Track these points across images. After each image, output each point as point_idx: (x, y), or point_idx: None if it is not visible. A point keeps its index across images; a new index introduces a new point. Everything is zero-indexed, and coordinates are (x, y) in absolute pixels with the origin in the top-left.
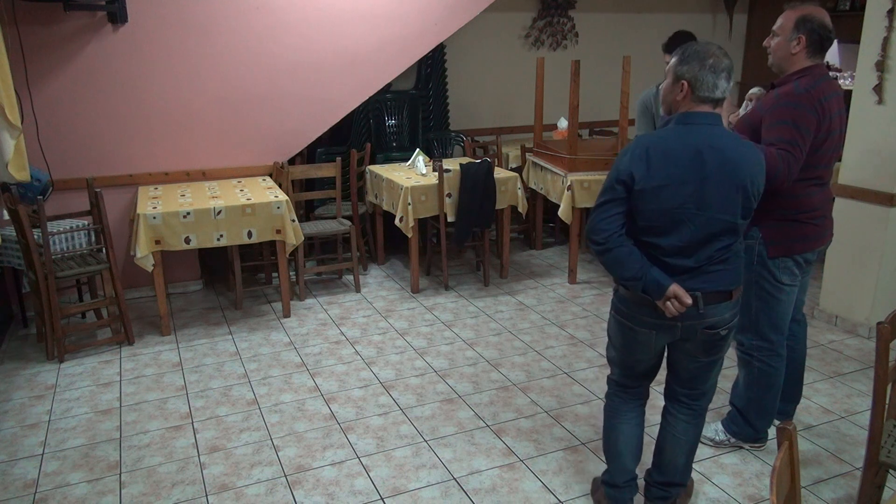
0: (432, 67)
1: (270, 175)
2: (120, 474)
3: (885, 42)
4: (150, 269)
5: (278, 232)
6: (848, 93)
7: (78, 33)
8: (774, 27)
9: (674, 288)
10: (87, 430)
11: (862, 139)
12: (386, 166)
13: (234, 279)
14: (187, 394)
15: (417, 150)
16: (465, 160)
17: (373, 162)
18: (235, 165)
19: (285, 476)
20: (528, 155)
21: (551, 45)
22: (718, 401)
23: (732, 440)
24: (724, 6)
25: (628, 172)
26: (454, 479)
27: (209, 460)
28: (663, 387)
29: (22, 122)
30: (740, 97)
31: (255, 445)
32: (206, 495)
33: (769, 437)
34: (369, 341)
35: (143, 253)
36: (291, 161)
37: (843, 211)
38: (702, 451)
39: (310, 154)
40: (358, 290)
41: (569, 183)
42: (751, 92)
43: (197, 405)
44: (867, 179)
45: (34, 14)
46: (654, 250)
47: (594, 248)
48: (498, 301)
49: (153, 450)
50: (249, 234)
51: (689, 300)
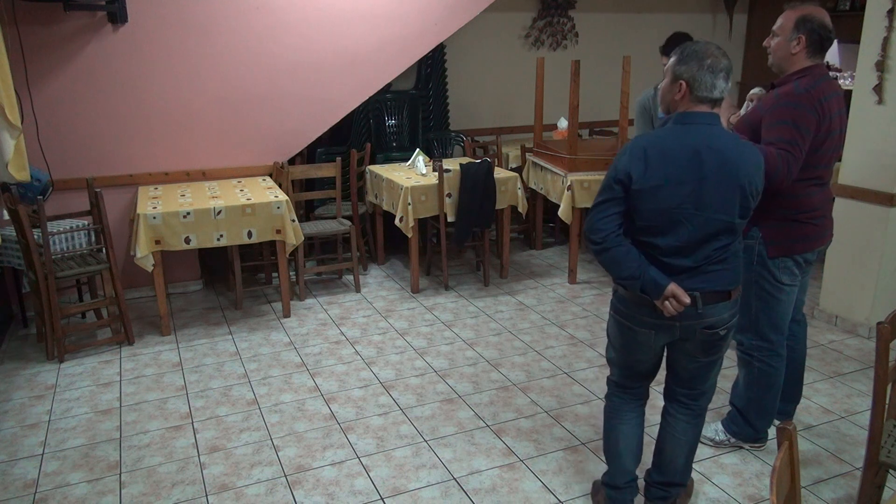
0: (432, 67)
1: (270, 175)
2: (120, 474)
3: (885, 42)
4: (150, 269)
5: (278, 232)
6: (848, 93)
7: (78, 33)
8: (774, 27)
9: (672, 287)
10: (87, 430)
11: (862, 139)
12: (386, 166)
13: (234, 279)
14: (187, 394)
15: (417, 150)
16: (465, 160)
17: (373, 162)
18: (235, 165)
19: (285, 476)
20: (528, 155)
21: (551, 45)
22: (718, 401)
23: (732, 440)
24: (724, 6)
25: (626, 172)
26: (454, 479)
27: (209, 460)
28: (663, 387)
29: (22, 122)
30: (740, 97)
31: (255, 445)
32: (206, 495)
33: (769, 437)
34: (369, 341)
35: (143, 253)
36: (291, 161)
37: (843, 211)
38: (702, 451)
39: (310, 154)
40: (358, 290)
41: (569, 183)
42: (752, 92)
43: (197, 405)
44: (867, 179)
45: (34, 14)
46: (653, 250)
47: (592, 247)
48: (498, 301)
49: (153, 450)
50: (249, 234)
51: (688, 299)
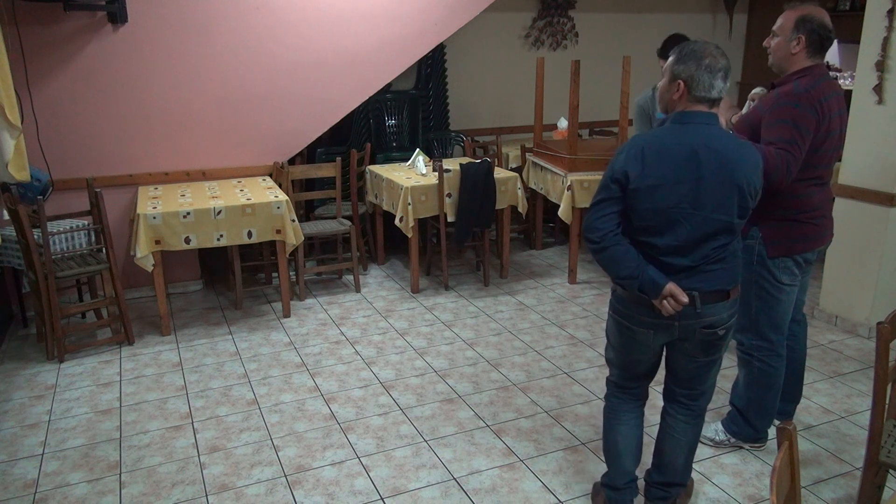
0: (432, 67)
1: (270, 175)
2: (120, 474)
3: (885, 42)
4: (150, 269)
5: (278, 232)
6: (848, 93)
7: (78, 33)
8: (774, 27)
9: (670, 287)
10: (87, 430)
11: (862, 139)
12: (386, 166)
13: (234, 279)
14: (187, 394)
15: (417, 150)
16: (465, 160)
17: (373, 162)
18: (235, 165)
19: (285, 476)
20: (528, 155)
21: (551, 45)
22: (718, 401)
23: (732, 440)
24: (724, 6)
25: (623, 171)
26: (454, 479)
27: (209, 460)
28: (662, 387)
29: (22, 122)
30: (741, 98)
31: (255, 445)
32: (206, 495)
33: (769, 437)
34: (369, 341)
35: (143, 253)
36: (291, 161)
37: (843, 211)
38: (702, 451)
39: (310, 154)
40: (358, 290)
41: (569, 183)
42: (753, 92)
43: (197, 405)
44: (867, 179)
45: (34, 14)
46: (651, 250)
47: (590, 246)
48: (498, 301)
49: (153, 450)
50: (249, 234)
51: (686, 299)
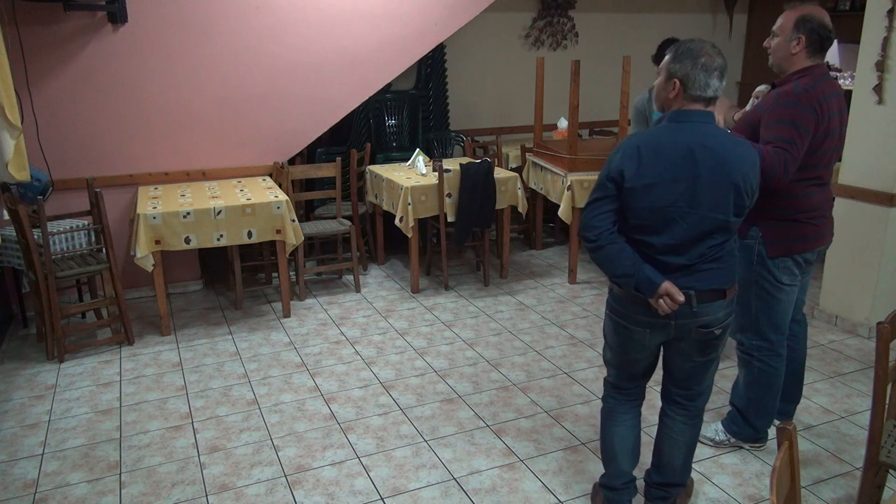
0: (432, 67)
1: (270, 175)
2: (120, 474)
3: (885, 42)
4: (150, 269)
5: (278, 232)
6: (848, 93)
7: (78, 33)
8: (774, 27)
9: (666, 285)
10: (87, 430)
11: (862, 139)
12: (386, 166)
13: (234, 279)
14: (187, 394)
15: (417, 150)
16: (465, 160)
17: (373, 162)
18: (235, 165)
19: (285, 476)
20: (528, 155)
21: (551, 45)
22: (718, 401)
23: (732, 440)
24: (724, 6)
25: (619, 170)
26: (454, 479)
27: (209, 460)
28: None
29: (22, 122)
30: (741, 98)
31: (255, 445)
32: (206, 495)
33: (769, 437)
34: (369, 341)
35: (143, 253)
36: (291, 161)
37: (843, 211)
38: (702, 451)
39: (310, 154)
40: (358, 290)
41: (569, 183)
42: (757, 89)
43: (197, 405)
44: (867, 179)
45: (34, 14)
46: (647, 248)
47: (586, 245)
48: (498, 301)
49: (153, 450)
50: (249, 234)
51: (682, 298)
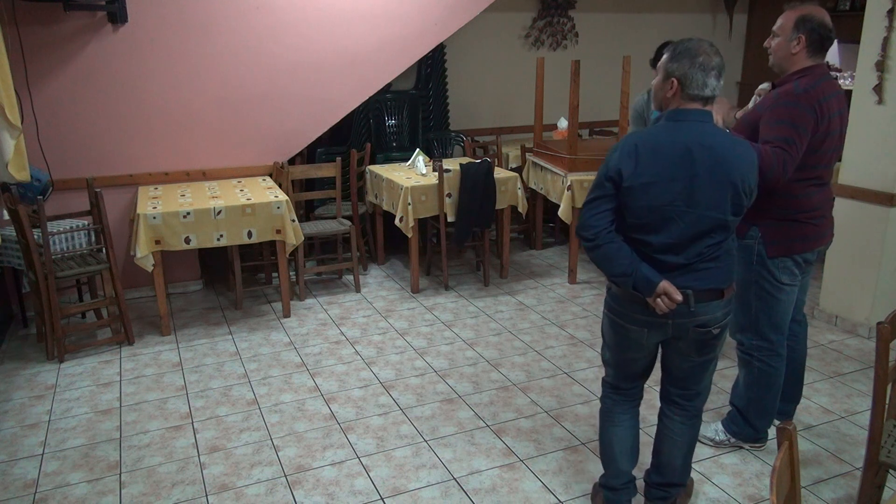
0: (432, 67)
1: (270, 175)
2: (120, 474)
3: (885, 42)
4: (150, 269)
5: (278, 232)
6: (848, 93)
7: (78, 33)
8: (774, 27)
9: (664, 284)
10: (87, 430)
11: (862, 139)
12: (386, 166)
13: (234, 279)
14: (187, 394)
15: (417, 150)
16: (465, 160)
17: (373, 162)
18: (235, 165)
19: (285, 476)
20: (528, 155)
21: (551, 45)
22: (718, 401)
23: (732, 440)
24: (724, 6)
25: (616, 169)
26: (454, 479)
27: (209, 460)
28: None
29: (22, 122)
30: (741, 98)
31: (255, 445)
32: (206, 495)
33: (769, 437)
34: (369, 341)
35: (143, 253)
36: (291, 161)
37: (843, 211)
38: (702, 451)
39: (310, 154)
40: (358, 290)
41: (569, 183)
42: (760, 87)
43: (197, 405)
44: (867, 179)
45: (34, 14)
46: (645, 247)
47: (584, 244)
48: (498, 301)
49: (153, 450)
50: (249, 234)
51: (680, 297)
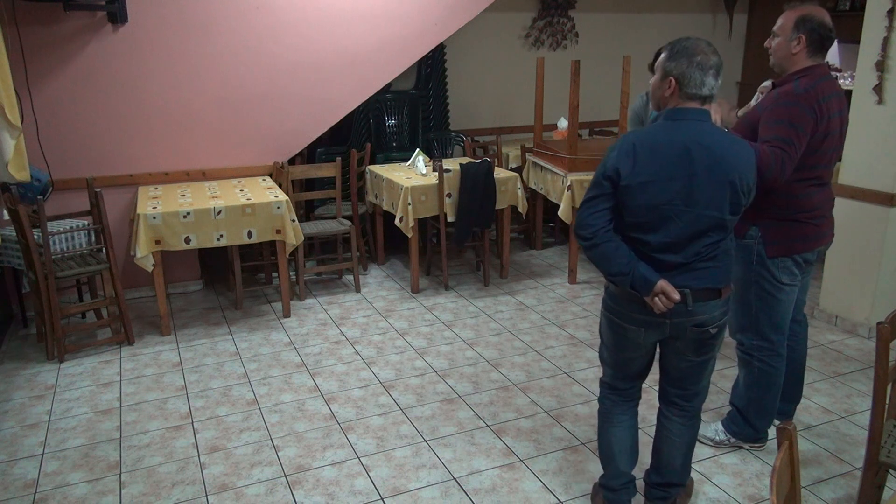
0: (432, 67)
1: (270, 175)
2: (120, 474)
3: (885, 42)
4: (150, 269)
5: (278, 232)
6: (848, 93)
7: (78, 33)
8: (775, 27)
9: (661, 284)
10: (87, 430)
11: (862, 139)
12: (386, 166)
13: (234, 279)
14: (187, 394)
15: (417, 150)
16: (465, 160)
17: (373, 162)
18: (235, 165)
19: (285, 476)
20: (528, 155)
21: (551, 45)
22: (718, 401)
23: (732, 440)
24: (724, 6)
25: (615, 168)
26: (454, 479)
27: (209, 460)
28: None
29: (22, 122)
30: (741, 98)
31: (255, 445)
32: (206, 495)
33: (769, 437)
34: (369, 341)
35: (143, 253)
36: (291, 161)
37: (843, 211)
38: (702, 451)
39: (310, 154)
40: (358, 290)
41: (569, 183)
42: (762, 85)
43: (197, 405)
44: (867, 179)
45: (34, 14)
46: (643, 246)
47: (581, 243)
48: (498, 301)
49: (153, 450)
50: (249, 234)
51: (678, 296)
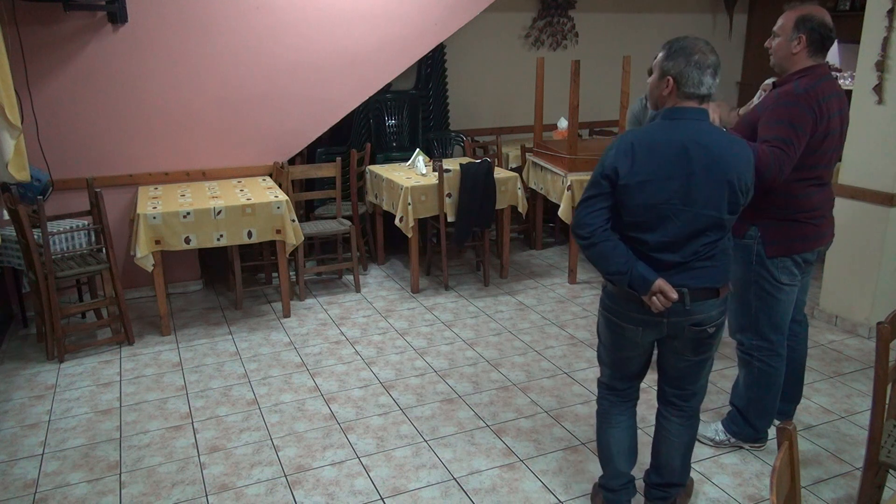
0: (432, 67)
1: (270, 175)
2: (120, 474)
3: (885, 42)
4: (150, 269)
5: (278, 232)
6: (848, 93)
7: (78, 33)
8: (775, 27)
9: (659, 283)
10: (87, 430)
11: (862, 139)
12: (386, 166)
13: (234, 279)
14: (187, 394)
15: (417, 150)
16: (465, 160)
17: (373, 162)
18: (235, 165)
19: (285, 476)
20: (528, 155)
21: (551, 45)
22: (718, 401)
23: (732, 440)
24: (724, 6)
25: (613, 167)
26: (454, 479)
27: (209, 460)
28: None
29: (22, 122)
30: (741, 97)
31: (255, 445)
32: (206, 495)
33: (769, 437)
34: (369, 341)
35: (143, 253)
36: (291, 161)
37: (843, 211)
38: (702, 451)
39: (310, 154)
40: (358, 290)
41: (569, 183)
42: (765, 83)
43: (197, 405)
44: (867, 179)
45: (34, 14)
46: (641, 245)
47: (579, 242)
48: (498, 301)
49: (153, 450)
50: (249, 234)
51: (675, 295)
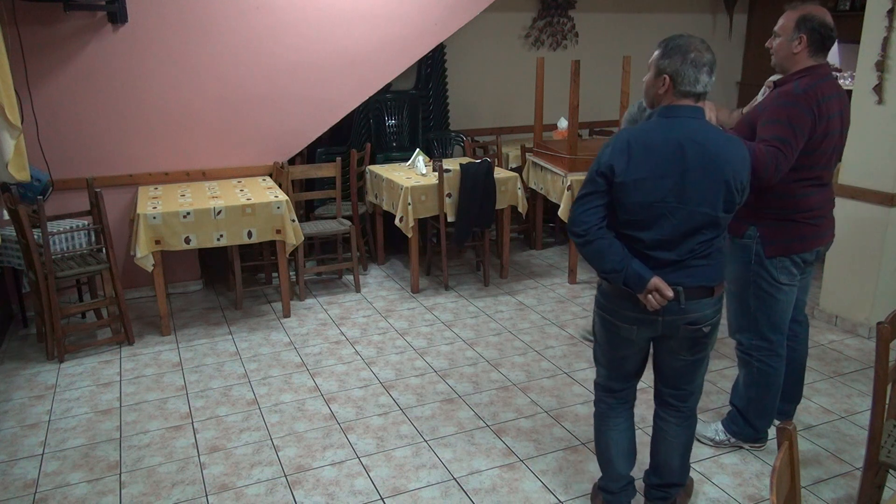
0: (432, 67)
1: (270, 175)
2: (120, 474)
3: (885, 42)
4: (150, 269)
5: (278, 232)
6: (848, 93)
7: (78, 33)
8: (776, 27)
9: (655, 281)
10: (87, 430)
11: (862, 139)
12: (386, 166)
13: (234, 279)
14: (187, 394)
15: (417, 150)
16: (465, 160)
17: (373, 162)
18: (235, 165)
19: (285, 476)
20: (528, 155)
21: (551, 45)
22: (718, 401)
23: (732, 440)
24: (724, 6)
25: (609, 165)
26: (454, 479)
27: (209, 460)
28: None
29: (22, 122)
30: (741, 97)
31: (255, 445)
32: (206, 495)
33: (769, 437)
34: (369, 341)
35: (143, 253)
36: (291, 161)
37: (843, 211)
38: (702, 451)
39: (310, 154)
40: (358, 290)
41: (569, 183)
42: (769, 80)
43: (197, 405)
44: (867, 179)
45: (34, 14)
46: (636, 244)
47: (575, 240)
48: (498, 301)
49: (153, 450)
50: (249, 234)
51: (671, 293)
